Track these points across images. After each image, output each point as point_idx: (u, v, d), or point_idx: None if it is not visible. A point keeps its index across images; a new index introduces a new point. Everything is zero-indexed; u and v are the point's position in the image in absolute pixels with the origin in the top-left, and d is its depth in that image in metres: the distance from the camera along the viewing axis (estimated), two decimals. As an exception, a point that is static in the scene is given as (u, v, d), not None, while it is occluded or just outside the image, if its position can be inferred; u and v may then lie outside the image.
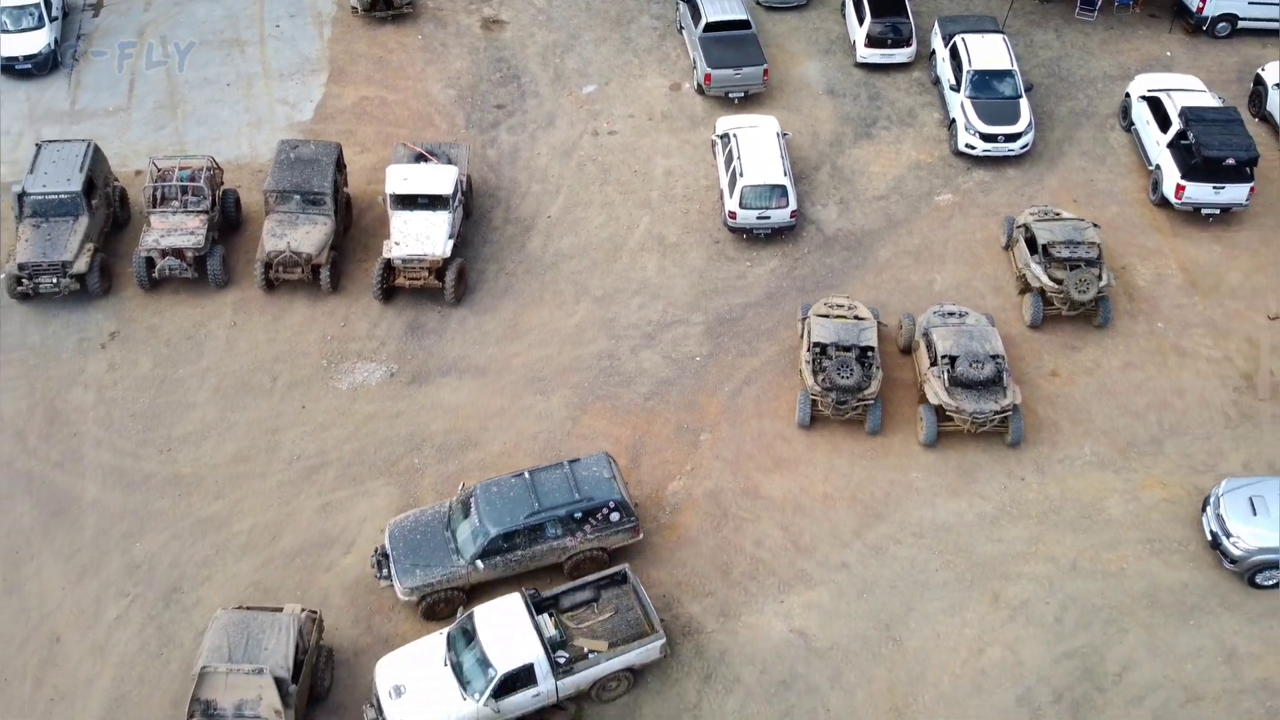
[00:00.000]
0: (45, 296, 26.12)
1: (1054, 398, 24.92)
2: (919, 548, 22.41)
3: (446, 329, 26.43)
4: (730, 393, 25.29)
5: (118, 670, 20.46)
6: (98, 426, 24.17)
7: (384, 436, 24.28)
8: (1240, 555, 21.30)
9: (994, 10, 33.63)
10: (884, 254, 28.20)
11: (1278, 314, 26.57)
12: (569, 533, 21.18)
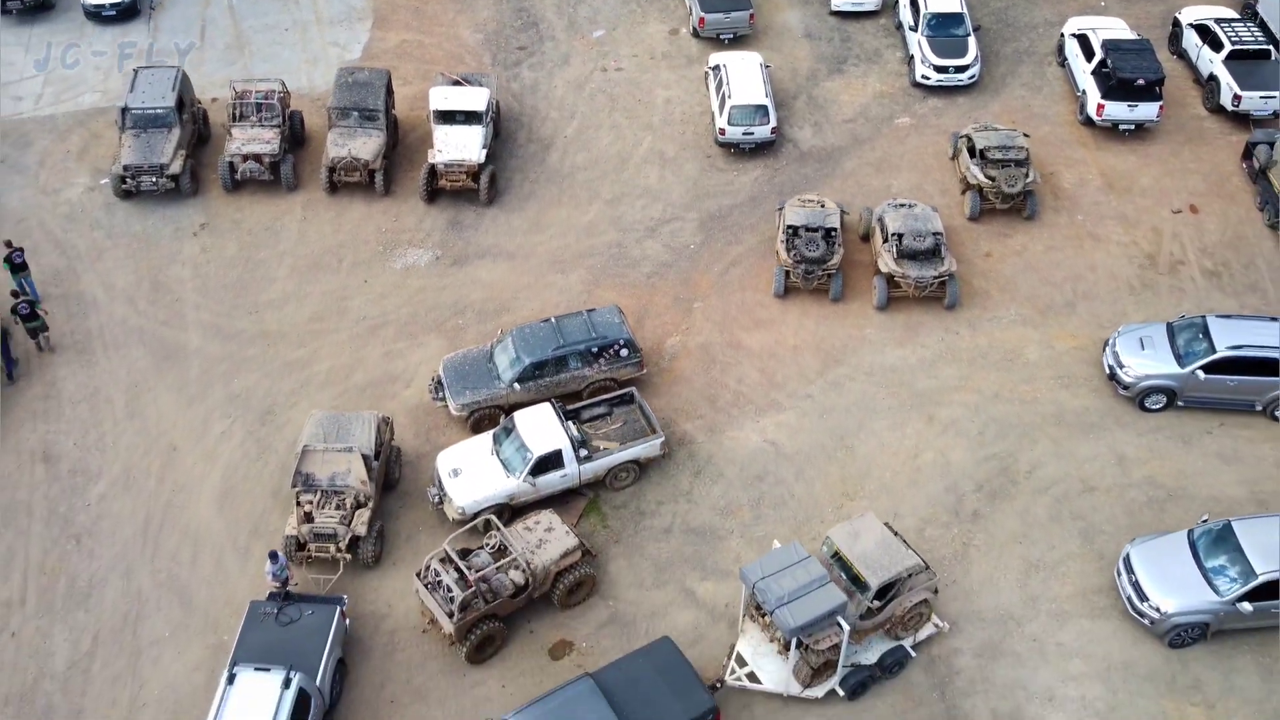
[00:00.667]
0: (145, 194, 31.67)
1: (987, 273, 30.45)
2: (870, 383, 27.89)
3: (481, 223, 31.94)
4: (719, 272, 30.79)
5: (225, 471, 25.93)
6: (195, 294, 29.71)
7: (432, 303, 29.76)
8: (1131, 382, 26.78)
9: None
10: (850, 165, 33.72)
11: (1179, 209, 32.06)
12: (586, 364, 26.67)
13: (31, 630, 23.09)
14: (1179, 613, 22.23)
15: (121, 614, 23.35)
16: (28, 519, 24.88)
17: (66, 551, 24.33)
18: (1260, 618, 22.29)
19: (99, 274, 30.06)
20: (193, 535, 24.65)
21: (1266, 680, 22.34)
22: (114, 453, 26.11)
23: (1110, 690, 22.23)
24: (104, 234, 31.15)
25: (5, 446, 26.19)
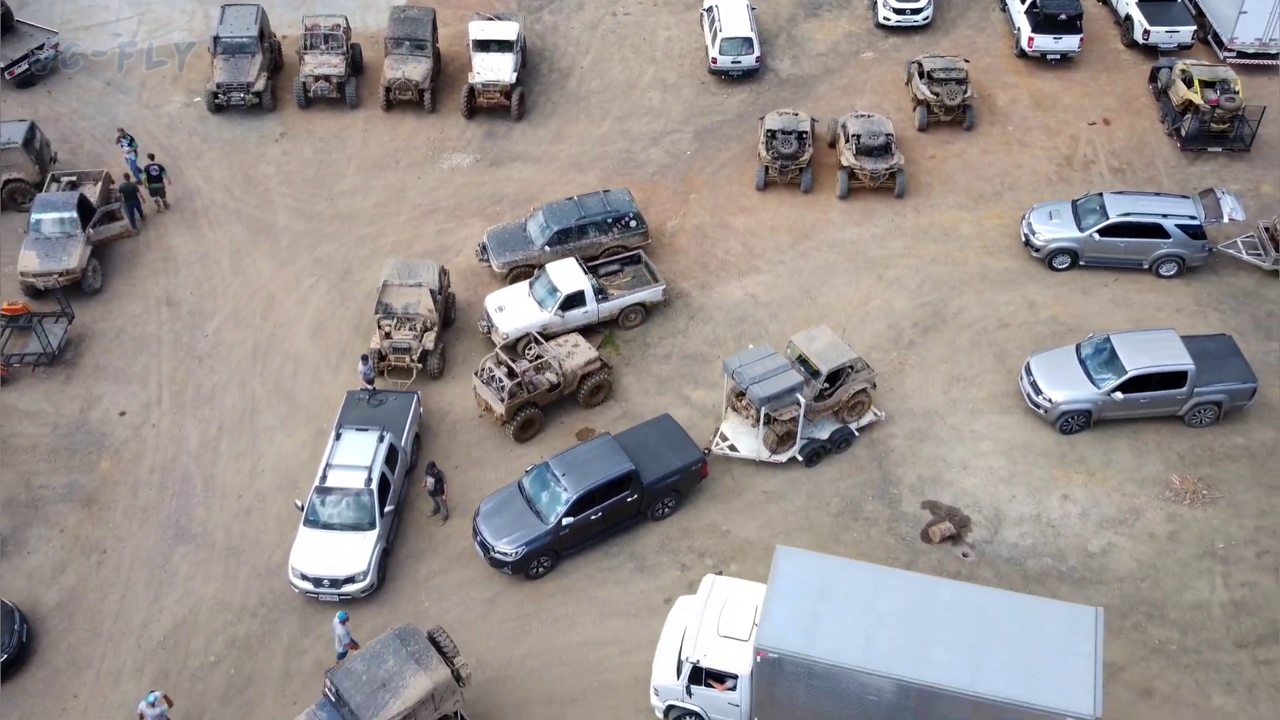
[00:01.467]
0: (234, 108, 38.69)
1: (931, 171, 37.45)
2: (831, 253, 34.86)
3: (512, 134, 38.93)
4: (710, 171, 37.78)
5: (315, 312, 32.90)
6: (280, 185, 36.72)
7: (474, 195, 36.74)
8: (1041, 245, 33.75)
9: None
10: (821, 89, 40.73)
11: (1094, 121, 39.06)
12: (602, 233, 33.63)
13: (168, 423, 30.03)
14: (1067, 402, 29.15)
15: (240, 411, 30.31)
16: (158, 345, 31.85)
17: (191, 369, 31.30)
18: (1129, 407, 29.21)
19: (200, 169, 37.07)
20: (293, 357, 31.62)
21: (1137, 456, 29.24)
22: (224, 299, 33.09)
23: (1011, 462, 29.16)
24: (201, 140, 38.16)
25: (135, 294, 33.16)
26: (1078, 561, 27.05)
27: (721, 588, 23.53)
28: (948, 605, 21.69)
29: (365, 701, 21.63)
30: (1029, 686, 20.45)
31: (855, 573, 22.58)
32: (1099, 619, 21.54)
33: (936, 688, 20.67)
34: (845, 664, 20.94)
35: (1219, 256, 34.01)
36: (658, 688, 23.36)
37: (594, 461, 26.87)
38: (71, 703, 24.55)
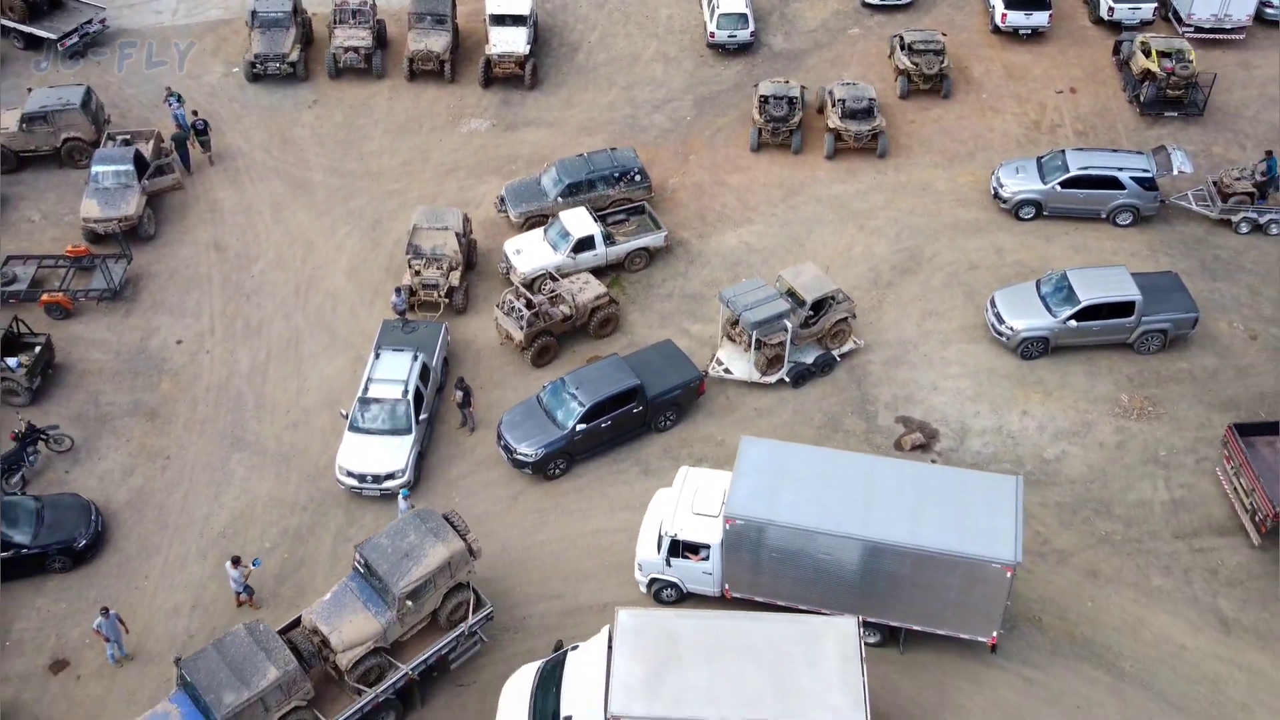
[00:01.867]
0: (270, 77, 42.25)
1: (910, 135, 41.00)
2: (818, 206, 38.40)
3: (525, 102, 42.47)
4: (708, 135, 41.32)
5: (350, 257, 36.41)
6: (314, 147, 40.27)
7: (491, 155, 40.26)
8: (1008, 197, 37.29)
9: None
10: (811, 62, 44.28)
11: (1062, 90, 42.62)
12: (610, 186, 37.15)
13: (220, 350, 33.56)
14: (1027, 330, 32.69)
15: (285, 340, 33.83)
16: (209, 284, 35.39)
17: (240, 304, 34.83)
18: (1083, 334, 32.73)
19: (240, 132, 40.63)
20: (331, 294, 35.16)
21: (1090, 378, 32.75)
22: (266, 244, 36.64)
23: (976, 384, 32.68)
24: (240, 106, 41.73)
25: (185, 240, 36.71)
26: (1034, 466, 30.56)
27: (694, 476, 26.99)
28: (889, 478, 25.36)
29: (391, 569, 24.75)
30: (960, 540, 24.01)
31: (809, 454, 26.23)
32: (1019, 485, 25.15)
33: (880, 542, 24.18)
34: (801, 525, 24.44)
35: (1171, 207, 37.55)
36: (641, 563, 26.81)
37: (604, 377, 30.40)
38: (143, 583, 28.03)
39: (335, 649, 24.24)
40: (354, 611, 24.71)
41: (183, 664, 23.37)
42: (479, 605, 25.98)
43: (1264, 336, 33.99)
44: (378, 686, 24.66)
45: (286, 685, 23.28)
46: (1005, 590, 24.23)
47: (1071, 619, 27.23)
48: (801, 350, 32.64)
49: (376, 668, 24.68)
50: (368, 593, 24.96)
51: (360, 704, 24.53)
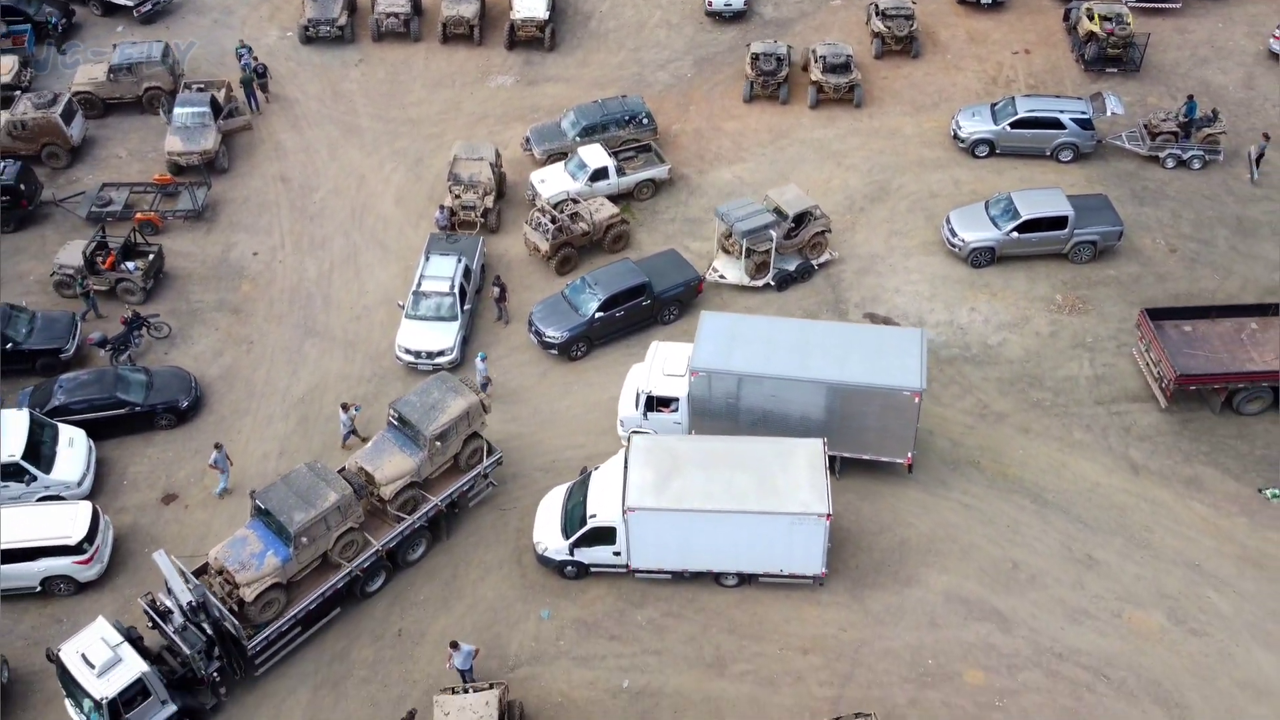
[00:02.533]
0: (321, 39, 48.33)
1: (883, 89, 47.05)
2: (802, 148, 44.42)
3: (545, 61, 48.53)
4: (706, 89, 47.37)
5: (397, 188, 42.42)
6: (362, 98, 46.33)
7: (516, 106, 46.28)
8: (965, 138, 43.32)
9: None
10: (798, 28, 50.35)
11: (1017, 51, 48.68)
12: (620, 128, 43.17)
13: (291, 260, 39.54)
14: (976, 241, 38.65)
15: (346, 253, 39.83)
16: (277, 208, 41.39)
17: (306, 224, 40.83)
18: (1024, 245, 38.66)
19: (296, 86, 46.70)
20: (382, 217, 41.18)
21: (1030, 282, 38.64)
22: (325, 177, 42.66)
23: (933, 287, 38.63)
24: (295, 64, 47.82)
25: (255, 173, 42.73)
26: (979, 350, 36.55)
27: (663, 348, 32.83)
28: (821, 334, 31.66)
29: (421, 418, 29.78)
30: (877, 375, 30.02)
31: (756, 321, 32.80)
32: (923, 335, 31.33)
33: (815, 380, 30.11)
34: (751, 371, 30.38)
35: (1107, 146, 43.55)
36: (623, 420, 32.59)
37: (618, 275, 36.43)
38: (235, 436, 33.95)
39: (379, 483, 29.46)
40: (392, 454, 29.87)
41: (257, 495, 28.53)
42: (490, 452, 31.50)
43: (1182, 250, 39.97)
44: (414, 515, 29.96)
45: (344, 508, 28.45)
46: (914, 414, 30.24)
47: (1005, 463, 33.17)
48: (784, 259, 38.60)
49: (412, 499, 29.98)
50: (402, 440, 29.98)
51: (400, 529, 29.58)
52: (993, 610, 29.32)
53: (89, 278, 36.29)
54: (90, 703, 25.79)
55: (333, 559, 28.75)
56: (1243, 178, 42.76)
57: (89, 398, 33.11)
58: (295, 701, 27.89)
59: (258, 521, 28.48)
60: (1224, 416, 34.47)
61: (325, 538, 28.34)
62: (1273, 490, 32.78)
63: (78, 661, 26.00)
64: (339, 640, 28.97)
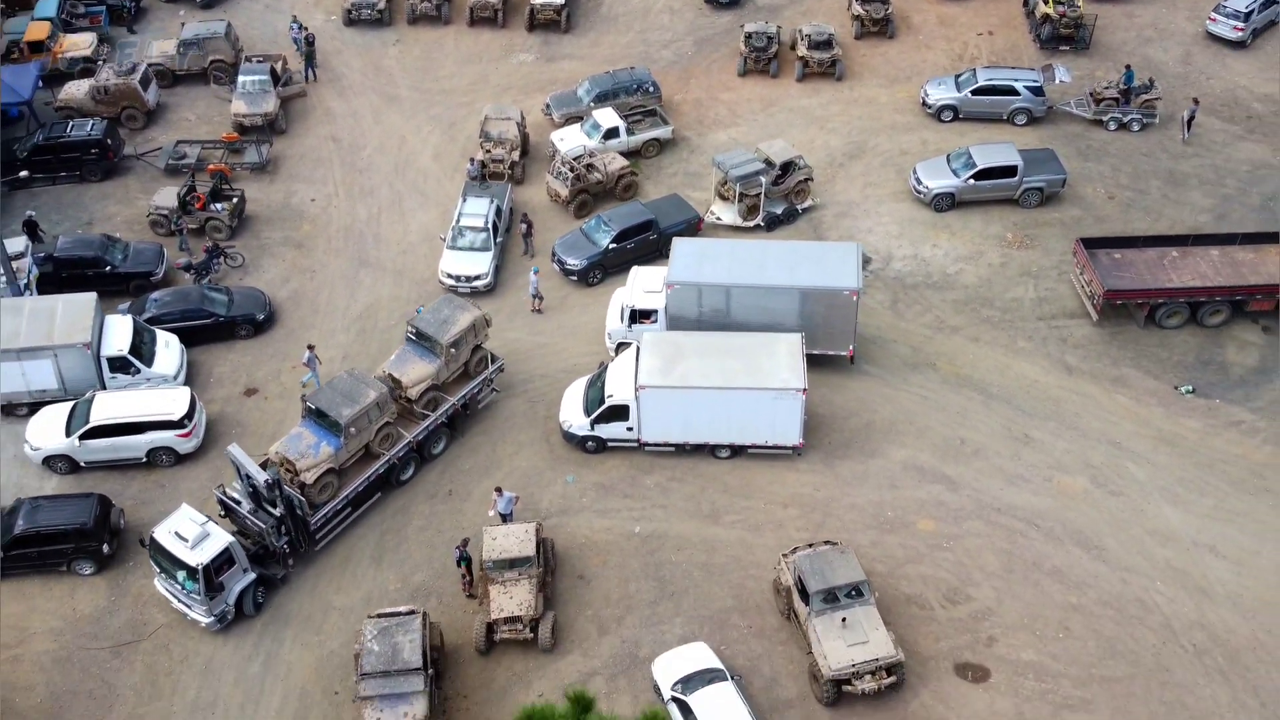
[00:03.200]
0: (362, 21, 54.66)
1: (862, 64, 53.30)
2: (789, 114, 50.59)
3: (561, 41, 54.83)
4: (705, 65, 53.64)
5: (433, 146, 48.63)
6: (400, 72, 52.59)
7: (536, 79, 52.52)
8: (932, 104, 49.53)
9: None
10: (787, 13, 56.61)
11: (982, 32, 54.95)
12: (629, 94, 49.39)
13: (344, 205, 45.68)
14: (938, 188, 44.81)
15: (391, 199, 45.99)
16: (330, 163, 47.58)
17: (355, 176, 47.01)
18: (979, 191, 44.81)
19: (341, 61, 52.98)
20: (421, 170, 47.36)
21: (985, 223, 44.78)
22: (370, 137, 48.88)
23: (901, 228, 44.76)
24: (340, 43, 54.10)
25: (309, 135, 48.94)
26: (939, 278, 42.64)
27: (642, 270, 38.89)
28: (774, 251, 38.01)
29: (437, 330, 35.30)
30: (821, 279, 36.15)
31: (720, 242, 39.17)
32: (859, 250, 37.51)
33: (769, 285, 36.21)
34: (718, 281, 36.47)
35: (1057, 111, 49.75)
36: (610, 333, 38.45)
37: (629, 213, 42.61)
38: (304, 345, 39.95)
39: (406, 386, 35.12)
40: (414, 362, 35.26)
41: (307, 398, 34.30)
42: (493, 360, 37.26)
43: (1119, 198, 46.11)
44: (436, 412, 35.62)
45: (381, 404, 34.00)
46: (854, 311, 36.49)
47: (958, 365, 39.23)
48: (773, 203, 44.73)
49: (434, 399, 35.64)
50: (421, 350, 35.45)
51: (425, 424, 35.08)
52: (943, 475, 35.33)
53: (183, 216, 42.34)
54: (185, 573, 30.77)
55: (374, 449, 34.36)
56: (1176, 138, 48.94)
57: (179, 310, 39.18)
58: (364, 545, 33.86)
59: (309, 420, 33.91)
60: (1147, 330, 40.53)
61: (367, 430, 33.94)
62: (1186, 387, 38.80)
63: (172, 539, 30.90)
64: (400, 499, 34.95)
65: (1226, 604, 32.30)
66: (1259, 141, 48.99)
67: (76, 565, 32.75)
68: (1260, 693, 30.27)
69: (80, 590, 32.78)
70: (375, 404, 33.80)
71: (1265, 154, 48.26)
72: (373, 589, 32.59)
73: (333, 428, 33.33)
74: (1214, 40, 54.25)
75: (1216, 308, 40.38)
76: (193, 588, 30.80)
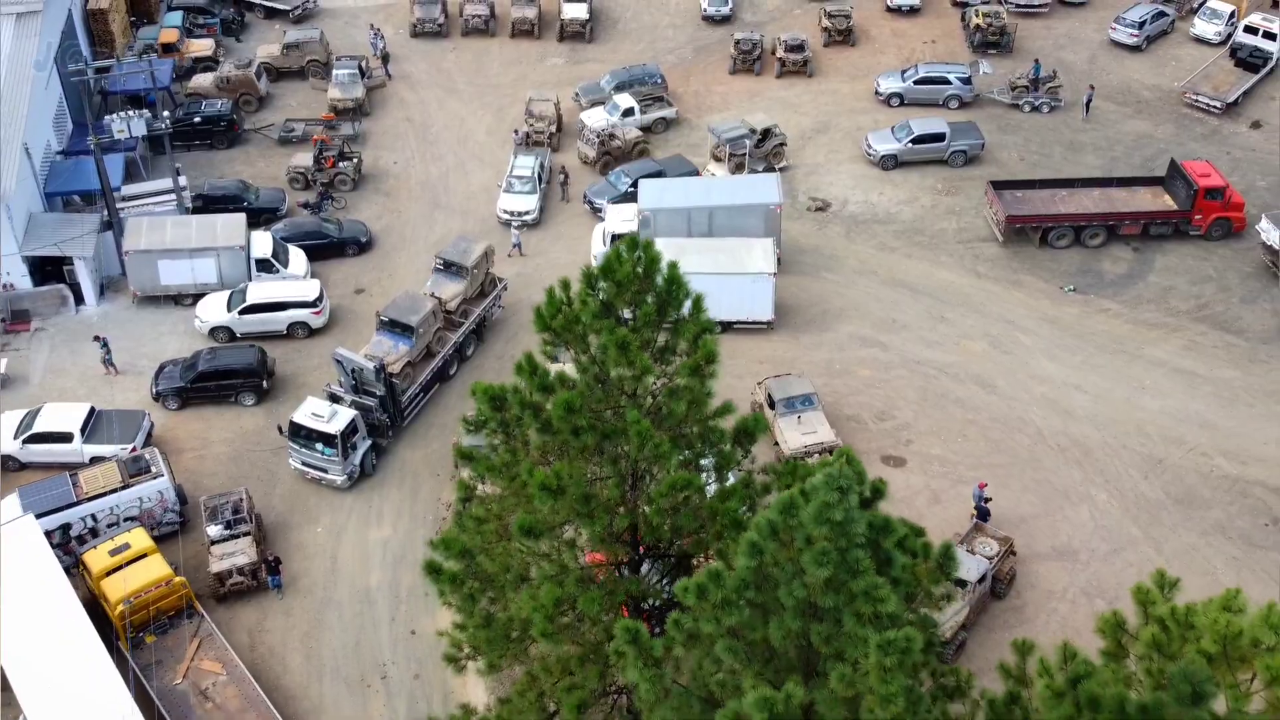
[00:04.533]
0: (426, 34, 68.40)
1: (828, 66, 66.68)
2: (769, 102, 63.84)
3: (586, 50, 68.40)
4: (702, 66, 67.12)
5: (486, 125, 61.93)
6: (457, 72, 66.08)
7: (566, 77, 65.91)
8: (882, 93, 62.85)
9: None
10: (769, 28, 70.23)
11: (927, 41, 68.46)
12: (642, 84, 62.75)
13: (419, 166, 58.85)
14: (884, 150, 57.95)
15: (455, 162, 59.15)
16: (407, 137, 60.87)
17: (427, 146, 60.24)
18: (916, 153, 57.94)
19: (410, 64, 66.54)
20: (478, 142, 60.62)
21: (921, 178, 57.75)
22: (436, 119, 62.22)
23: (855, 181, 57.75)
24: (408, 50, 67.70)
25: (388, 117, 62.30)
26: (883, 216, 55.57)
27: (615, 207, 51.85)
28: (719, 183, 51.21)
29: (460, 258, 47.85)
30: (754, 197, 49.27)
31: (677, 180, 51.96)
32: (779, 178, 50.79)
33: (715, 205, 49.34)
34: (677, 205, 49.59)
35: (983, 98, 62.99)
36: (594, 255, 51.25)
37: (642, 167, 55.66)
38: (397, 261, 52.80)
39: (445, 300, 47.55)
40: (446, 283, 47.54)
41: (381, 312, 46.94)
42: (499, 281, 49.73)
43: (1028, 160, 59.18)
44: (466, 321, 48.07)
45: (435, 311, 46.37)
46: (778, 223, 49.29)
47: (894, 273, 52.01)
48: (755, 163, 57.79)
49: (464, 310, 48.21)
50: (449, 275, 47.79)
51: (462, 330, 47.18)
52: (878, 341, 47.96)
53: (317, 172, 55.32)
54: (323, 442, 41.80)
55: (432, 348, 46.69)
56: (1078, 118, 62.12)
57: (303, 232, 52.09)
58: (432, 418, 46.40)
59: (384, 330, 45.77)
60: (1041, 249, 53.34)
61: (427, 332, 46.23)
62: (1069, 286, 51.49)
63: (310, 418, 41.89)
64: (449, 394, 47.51)
65: (1085, 421, 44.76)
66: (1144, 120, 62.21)
67: (242, 397, 45.19)
68: (1105, 474, 42.63)
69: (245, 415, 45.27)
70: (431, 312, 46.18)
71: (1148, 128, 61.45)
72: (441, 448, 45.05)
73: (406, 330, 45.28)
74: (1115, 45, 67.68)
75: (1095, 231, 53.19)
76: (331, 453, 42.06)
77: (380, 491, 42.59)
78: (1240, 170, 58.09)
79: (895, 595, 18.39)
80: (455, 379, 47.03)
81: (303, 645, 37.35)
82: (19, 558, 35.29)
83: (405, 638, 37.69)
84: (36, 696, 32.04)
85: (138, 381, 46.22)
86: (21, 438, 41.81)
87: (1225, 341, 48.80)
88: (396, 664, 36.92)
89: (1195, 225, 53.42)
